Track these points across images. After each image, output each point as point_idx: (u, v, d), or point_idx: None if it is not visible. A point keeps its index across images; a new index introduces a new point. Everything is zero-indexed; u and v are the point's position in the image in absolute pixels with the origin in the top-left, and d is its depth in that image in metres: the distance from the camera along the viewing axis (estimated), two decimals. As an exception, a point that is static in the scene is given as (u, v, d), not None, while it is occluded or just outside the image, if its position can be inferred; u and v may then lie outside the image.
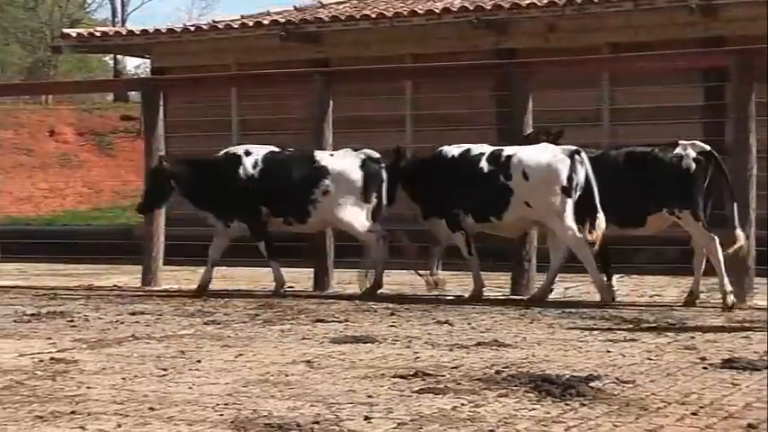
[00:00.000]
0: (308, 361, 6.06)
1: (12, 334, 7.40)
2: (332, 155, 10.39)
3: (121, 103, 43.99)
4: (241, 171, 10.29)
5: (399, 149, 10.44)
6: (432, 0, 15.96)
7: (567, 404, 4.80)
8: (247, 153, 10.43)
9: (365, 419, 4.51)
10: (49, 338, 7.12)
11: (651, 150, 9.35)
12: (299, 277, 10.72)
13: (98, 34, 18.36)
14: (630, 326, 7.67)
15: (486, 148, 9.85)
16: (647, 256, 11.91)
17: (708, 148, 9.21)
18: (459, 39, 15.04)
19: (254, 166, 10.31)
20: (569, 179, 9.28)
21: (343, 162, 10.24)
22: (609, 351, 6.41)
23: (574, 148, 9.43)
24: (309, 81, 11.35)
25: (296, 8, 17.30)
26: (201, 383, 5.38)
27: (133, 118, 37.26)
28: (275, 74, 13.66)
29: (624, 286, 10.39)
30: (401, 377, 5.47)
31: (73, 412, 4.67)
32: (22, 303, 9.43)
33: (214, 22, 17.39)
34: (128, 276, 11.57)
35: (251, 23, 16.25)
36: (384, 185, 10.18)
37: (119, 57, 47.66)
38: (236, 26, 16.36)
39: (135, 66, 56.34)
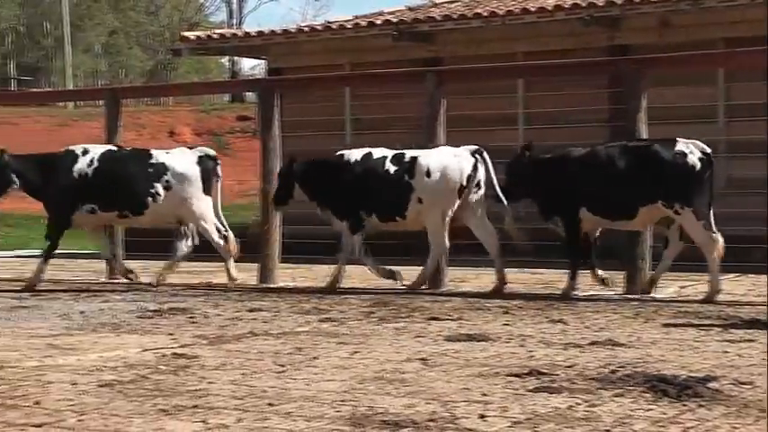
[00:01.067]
0: (423, 359, 6.07)
1: (136, 329, 7.57)
2: (168, 152, 11.18)
3: (238, 103, 44.64)
4: (75, 168, 10.97)
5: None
6: (543, -3, 15.85)
7: (683, 405, 4.72)
8: (85, 152, 11.12)
9: (480, 417, 4.50)
10: (171, 334, 7.26)
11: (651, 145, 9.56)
12: (412, 275, 10.73)
13: (216, 36, 18.66)
14: (748, 326, 7.50)
15: (388, 152, 10.53)
16: (763, 255, 11.65)
17: (708, 149, 9.41)
18: (570, 36, 14.89)
19: (90, 164, 10.96)
20: (469, 178, 10.07)
21: (181, 159, 10.99)
22: (726, 351, 6.29)
23: (475, 147, 10.19)
24: (421, 80, 11.37)
25: (408, 8, 17.32)
26: (318, 380, 5.43)
27: (249, 118, 37.79)
28: (388, 73, 13.70)
29: (741, 285, 10.18)
30: (516, 376, 5.45)
31: (195, 406, 4.76)
32: (145, 300, 9.63)
33: (328, 22, 17.52)
34: (245, 273, 11.71)
35: (364, 23, 16.33)
36: (219, 182, 11.03)
37: (235, 58, 48.40)
38: (349, 26, 16.46)
39: (251, 67, 57.02)
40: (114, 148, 11.37)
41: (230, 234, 10.95)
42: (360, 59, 16.14)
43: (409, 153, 10.46)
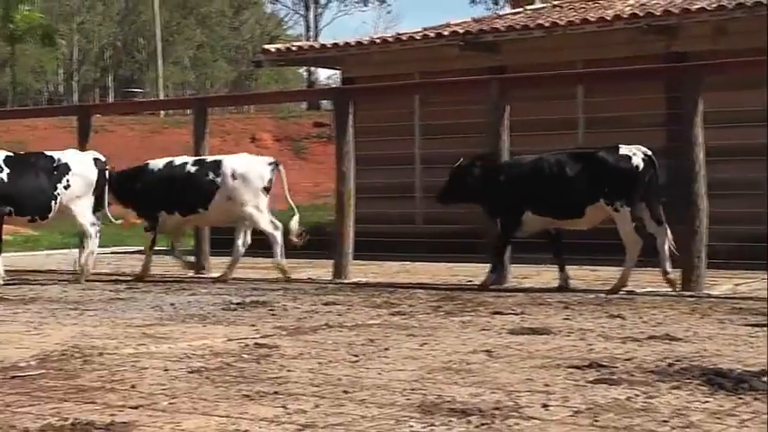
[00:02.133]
0: (488, 350, 6.04)
1: (221, 321, 7.63)
2: (62, 154, 11.22)
3: (314, 111, 44.87)
4: None
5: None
6: (603, 8, 15.69)
7: (739, 398, 4.63)
8: None
9: (543, 407, 4.46)
10: (253, 325, 7.31)
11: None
12: (478, 272, 10.70)
13: (294, 49, 18.75)
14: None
15: (189, 159, 11.71)
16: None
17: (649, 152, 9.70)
18: (629, 44, 14.71)
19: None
20: (270, 181, 11.29)
21: (81, 160, 11.15)
22: (779, 345, 6.16)
23: (272, 159, 11.60)
24: (486, 87, 11.31)
25: (474, 19, 17.27)
26: (390, 369, 5.42)
27: (325, 124, 37.96)
28: (454, 81, 13.67)
29: (792, 282, 9.97)
30: (576, 368, 5.39)
31: (276, 393, 4.78)
32: (229, 293, 9.70)
33: (398, 34, 17.51)
34: (321, 270, 11.76)
35: (432, 35, 16.30)
36: (107, 184, 11.28)
37: (312, 68, 48.66)
38: (418, 38, 16.44)
39: (327, 76, 57.34)
40: (11, 154, 11.10)
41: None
42: (428, 68, 16.11)
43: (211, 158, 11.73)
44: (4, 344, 6.40)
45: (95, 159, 11.31)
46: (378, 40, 17.53)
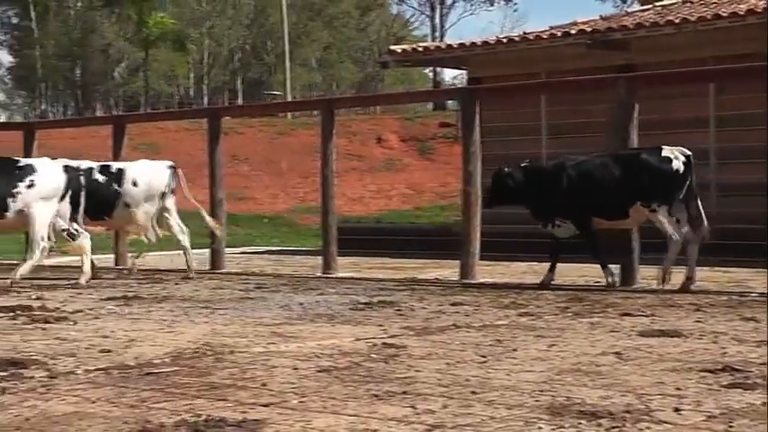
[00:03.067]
0: (617, 352, 5.95)
1: (349, 320, 7.71)
2: (31, 160, 11.42)
3: (440, 111, 44.90)
4: None
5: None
6: (735, 3, 15.29)
7: None
8: None
9: (675, 411, 4.38)
10: (381, 325, 7.36)
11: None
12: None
13: (420, 49, 18.81)
14: None
15: (95, 164, 12.18)
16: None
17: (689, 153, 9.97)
18: (763, 40, 14.30)
19: None
20: (168, 185, 12.01)
21: (47, 166, 11.01)
22: None
23: (170, 162, 12.25)
24: (614, 86, 11.15)
25: (602, 17, 17.03)
26: (518, 371, 5.39)
27: (450, 125, 37.95)
28: (582, 80, 13.50)
29: None
30: (709, 371, 5.27)
31: (404, 393, 4.80)
32: (356, 293, 9.79)
33: (525, 33, 17.40)
34: (447, 270, 11.77)
35: (559, 34, 16.15)
36: (83, 192, 11.28)
37: (438, 69, 48.71)
38: (545, 36, 16.31)
39: (452, 77, 57.32)
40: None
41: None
42: (554, 68, 15.97)
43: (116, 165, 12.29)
44: (139, 341, 6.59)
45: (65, 167, 11.19)
46: (504, 40, 17.44)
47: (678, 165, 9.91)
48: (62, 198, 11.04)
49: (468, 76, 19.14)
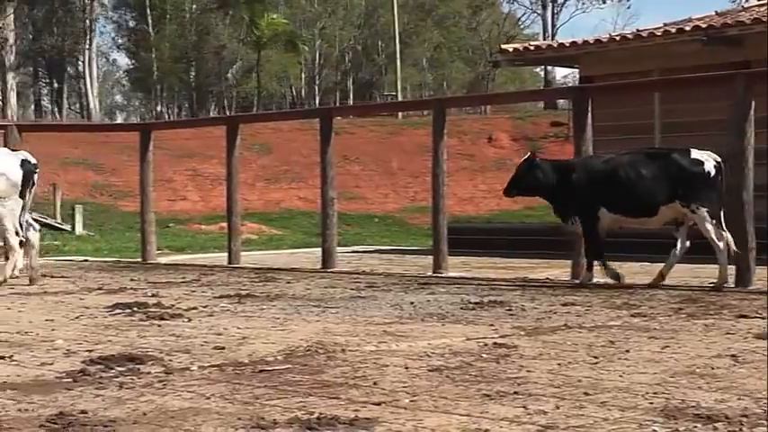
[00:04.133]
0: (733, 355, 5.82)
1: (459, 320, 7.70)
2: None
3: (551, 110, 44.55)
4: None
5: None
6: None
7: None
8: None
9: (794, 415, 4.27)
10: (491, 325, 7.34)
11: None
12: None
13: (532, 48, 18.71)
14: None
15: None
16: None
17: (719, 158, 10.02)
18: None
19: None
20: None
21: (4, 160, 10.70)
22: None
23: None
24: (731, 83, 10.89)
25: (717, 13, 16.69)
26: (631, 372, 5.32)
27: (562, 123, 37.62)
28: (696, 78, 13.23)
29: None
30: (830, 375, 5.12)
31: (515, 393, 4.79)
32: (467, 292, 9.77)
33: (638, 30, 17.14)
34: (558, 270, 11.67)
35: (673, 30, 15.87)
36: (35, 186, 10.94)
37: (548, 68, 48.33)
38: (659, 34, 16.05)
39: (563, 75, 56.81)
40: None
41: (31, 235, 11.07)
42: (668, 65, 15.69)
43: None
44: (252, 338, 6.70)
45: (23, 161, 10.93)
46: (617, 38, 17.23)
47: (709, 167, 10.04)
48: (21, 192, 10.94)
49: (579, 74, 18.94)
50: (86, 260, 15.74)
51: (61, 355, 6.04)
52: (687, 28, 15.74)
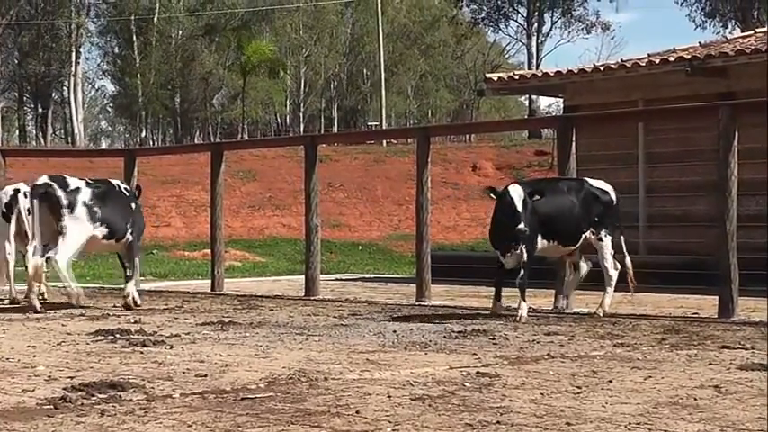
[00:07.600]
0: (716, 386, 5.84)
1: (443, 348, 7.70)
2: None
3: (536, 139, 44.73)
4: None
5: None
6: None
7: None
8: None
9: (776, 447, 4.28)
10: (475, 354, 7.34)
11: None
12: (705, 304, 10.37)
13: (517, 77, 18.77)
14: None
15: None
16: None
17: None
18: None
19: None
20: (8, 206, 11.80)
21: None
22: None
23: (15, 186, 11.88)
24: (715, 114, 10.97)
25: (701, 44, 16.81)
26: (614, 402, 5.33)
27: (546, 153, 37.74)
28: (681, 108, 13.31)
29: None
30: (812, 406, 5.14)
31: (498, 422, 4.78)
32: (451, 321, 9.77)
33: (622, 61, 17.24)
34: (541, 299, 11.68)
35: (658, 61, 15.97)
36: (25, 213, 11.47)
37: (533, 97, 48.55)
38: (643, 64, 16.15)
39: (547, 105, 57.07)
40: None
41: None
42: (653, 95, 15.79)
43: None
44: (235, 366, 6.68)
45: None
46: (601, 68, 17.31)
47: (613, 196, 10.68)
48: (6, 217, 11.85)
49: (564, 104, 19.02)
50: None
51: (42, 382, 6.01)
52: (671, 59, 15.85)
